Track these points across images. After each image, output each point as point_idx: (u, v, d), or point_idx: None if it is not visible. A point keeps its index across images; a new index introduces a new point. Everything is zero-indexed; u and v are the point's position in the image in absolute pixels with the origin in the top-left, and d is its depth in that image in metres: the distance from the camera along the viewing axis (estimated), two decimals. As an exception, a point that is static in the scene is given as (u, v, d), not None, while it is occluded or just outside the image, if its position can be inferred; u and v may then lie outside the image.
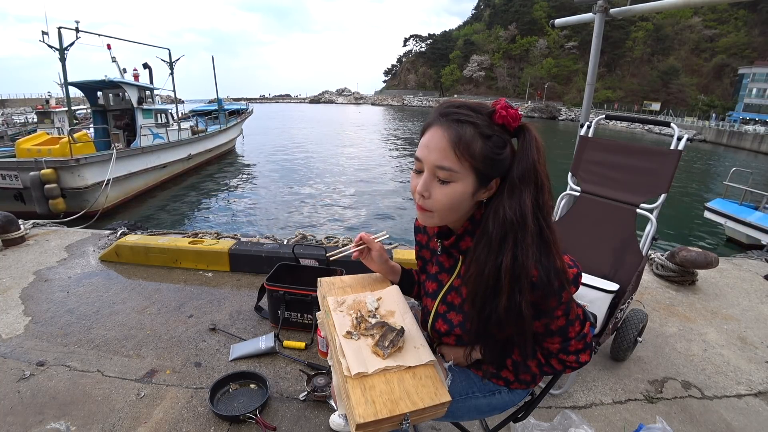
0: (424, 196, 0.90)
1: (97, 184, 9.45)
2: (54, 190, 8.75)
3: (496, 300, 0.87)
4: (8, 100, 45.43)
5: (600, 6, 2.74)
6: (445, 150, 0.85)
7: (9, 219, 3.57)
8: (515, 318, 0.86)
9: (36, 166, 8.71)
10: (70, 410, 1.80)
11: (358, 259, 1.22)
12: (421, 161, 0.89)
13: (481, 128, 0.85)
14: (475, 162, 0.85)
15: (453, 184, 0.87)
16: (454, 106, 0.89)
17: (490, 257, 0.87)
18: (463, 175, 0.86)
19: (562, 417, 1.69)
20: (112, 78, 11.34)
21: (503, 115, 0.86)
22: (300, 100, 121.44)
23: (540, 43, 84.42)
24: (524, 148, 0.87)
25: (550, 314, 0.90)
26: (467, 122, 0.85)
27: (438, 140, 0.86)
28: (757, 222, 7.16)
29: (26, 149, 9.13)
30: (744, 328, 2.70)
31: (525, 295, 0.84)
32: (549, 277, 0.84)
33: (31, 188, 8.66)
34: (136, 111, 11.35)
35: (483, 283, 0.88)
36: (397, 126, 42.06)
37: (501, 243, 0.86)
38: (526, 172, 0.86)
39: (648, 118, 2.56)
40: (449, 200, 0.88)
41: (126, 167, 10.44)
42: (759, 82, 50.06)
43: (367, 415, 0.83)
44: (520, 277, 0.84)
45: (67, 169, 8.91)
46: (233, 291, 2.92)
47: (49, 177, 8.69)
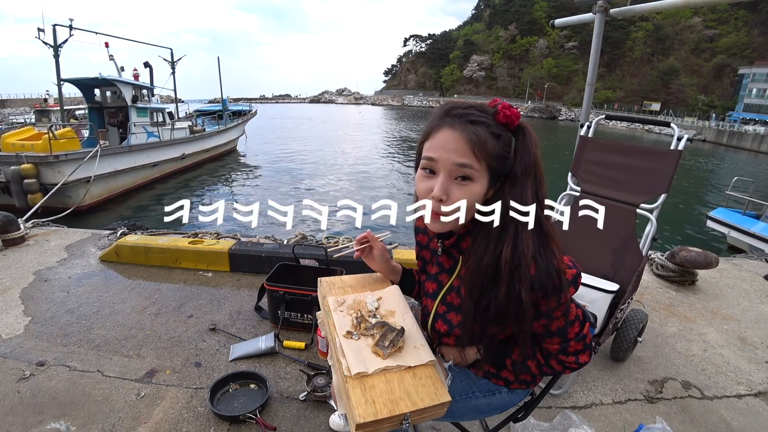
0: (442, 199, 0.87)
1: (79, 180, 9.47)
2: (33, 185, 8.81)
3: (496, 290, 0.88)
4: (8, 100, 45.43)
5: (600, 6, 2.74)
6: (464, 150, 0.85)
7: (9, 219, 3.57)
8: (515, 307, 0.87)
9: (17, 161, 8.78)
10: (70, 410, 1.80)
11: (360, 258, 1.22)
12: (436, 161, 0.88)
13: (492, 128, 0.87)
14: (491, 161, 0.86)
15: (472, 183, 0.87)
16: (462, 107, 0.89)
17: (488, 247, 0.88)
18: (481, 174, 0.87)
19: (562, 417, 1.69)
20: (106, 76, 11.37)
21: (507, 115, 0.87)
22: (300, 100, 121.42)
23: (540, 43, 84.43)
24: (525, 144, 0.89)
25: (549, 315, 0.90)
26: (480, 122, 0.86)
27: (455, 140, 0.86)
28: (761, 233, 7.18)
29: (10, 143, 9.18)
30: (744, 328, 2.70)
31: (525, 284, 0.85)
32: (549, 273, 0.85)
33: (11, 182, 8.75)
34: (129, 109, 11.39)
35: (481, 273, 0.89)
36: (397, 126, 42.06)
37: (501, 233, 0.87)
38: (528, 165, 0.88)
39: (648, 118, 2.56)
40: (469, 201, 0.87)
41: (112, 164, 10.44)
42: (759, 82, 50.06)
43: (367, 415, 0.83)
44: (520, 266, 0.85)
45: (47, 165, 8.96)
46: (233, 291, 2.92)
47: (29, 172, 8.77)
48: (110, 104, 12.00)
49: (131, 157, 11.16)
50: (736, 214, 7.95)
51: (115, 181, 10.83)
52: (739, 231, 7.64)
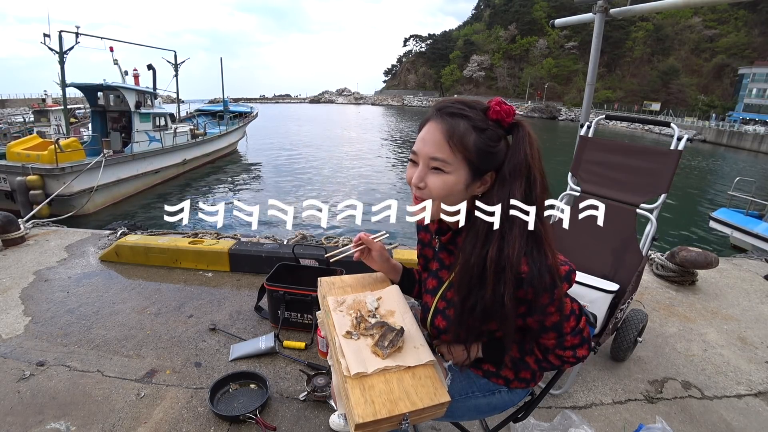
0: (419, 187, 0.93)
1: (84, 191, 9.54)
2: (39, 197, 8.86)
3: (482, 291, 0.89)
4: (8, 100, 45.44)
5: (600, 6, 2.74)
6: (440, 142, 0.88)
7: (9, 219, 3.57)
8: (499, 308, 0.88)
9: (23, 172, 8.86)
10: (70, 410, 1.80)
11: (360, 259, 1.22)
12: (417, 153, 0.93)
13: (475, 121, 0.87)
14: (468, 154, 0.87)
15: (446, 174, 0.89)
16: (449, 101, 0.92)
17: (476, 248, 0.89)
18: (457, 167, 0.88)
19: (562, 417, 1.69)
20: (110, 82, 11.39)
21: (497, 110, 0.88)
22: (300, 100, 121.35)
23: (540, 43, 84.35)
24: (517, 143, 0.89)
25: (542, 311, 0.91)
26: (461, 115, 0.88)
27: (433, 133, 0.89)
28: (764, 233, 7.19)
29: (16, 153, 9.25)
30: (744, 328, 2.70)
31: (509, 287, 0.85)
32: (540, 272, 0.85)
33: (17, 192, 8.82)
34: (132, 115, 11.36)
35: (468, 273, 0.90)
36: (398, 126, 42.04)
37: (488, 234, 0.88)
38: (517, 165, 0.88)
39: (648, 118, 2.56)
40: (443, 189, 0.90)
41: (116, 173, 10.49)
42: (759, 82, 50.03)
43: (366, 415, 0.84)
44: (504, 269, 0.85)
45: (53, 177, 9.05)
46: (233, 291, 2.92)
47: (35, 183, 8.85)
48: (113, 108, 11.96)
49: (134, 165, 11.20)
50: (738, 215, 7.95)
51: (118, 189, 10.87)
52: (742, 231, 7.64)
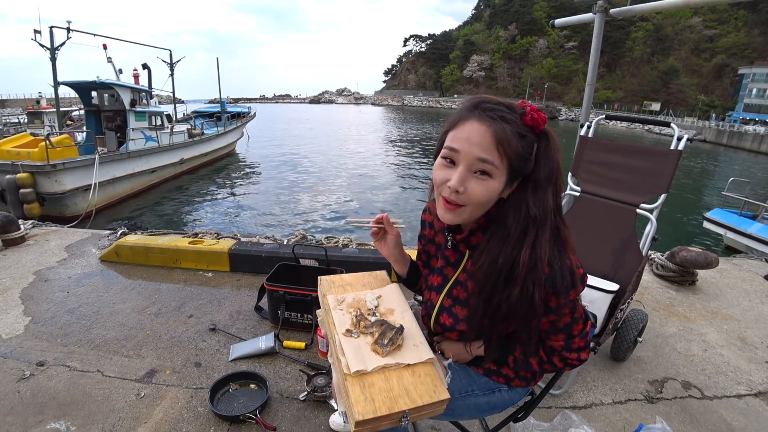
0: (458, 191, 0.87)
1: (77, 189, 9.29)
2: (29, 195, 8.59)
3: (508, 290, 0.89)
4: (8, 100, 45.44)
5: (600, 6, 2.74)
6: (489, 145, 0.84)
7: (9, 219, 3.57)
8: (526, 307, 0.89)
9: (12, 169, 8.52)
10: (70, 410, 1.80)
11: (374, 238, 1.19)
12: (458, 152, 0.87)
13: (518, 127, 0.86)
14: (513, 160, 0.86)
15: (490, 179, 0.86)
16: (493, 102, 0.89)
17: (505, 249, 0.89)
18: (501, 172, 0.87)
19: (562, 417, 1.69)
20: (104, 79, 11.11)
21: (534, 117, 0.87)
22: (300, 100, 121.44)
23: (540, 43, 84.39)
24: (549, 150, 0.89)
25: (558, 311, 0.92)
26: (508, 120, 0.86)
27: (481, 134, 0.85)
28: (757, 234, 7.22)
29: (6, 151, 8.92)
30: (744, 328, 2.70)
31: (538, 284, 0.87)
32: (562, 272, 0.87)
33: (7, 191, 8.50)
34: (128, 113, 11.13)
35: (495, 273, 0.90)
36: (397, 126, 42.06)
37: (521, 237, 0.88)
38: (551, 172, 0.89)
39: (648, 118, 2.56)
40: (486, 196, 0.87)
41: (111, 172, 10.24)
42: (759, 82, 50.03)
43: (366, 413, 0.84)
44: (535, 268, 0.87)
45: (44, 174, 8.73)
46: (233, 291, 2.92)
47: (25, 181, 8.54)
48: (108, 107, 11.70)
49: (130, 163, 10.95)
50: (732, 215, 7.97)
51: (114, 188, 10.62)
52: (735, 232, 7.66)
